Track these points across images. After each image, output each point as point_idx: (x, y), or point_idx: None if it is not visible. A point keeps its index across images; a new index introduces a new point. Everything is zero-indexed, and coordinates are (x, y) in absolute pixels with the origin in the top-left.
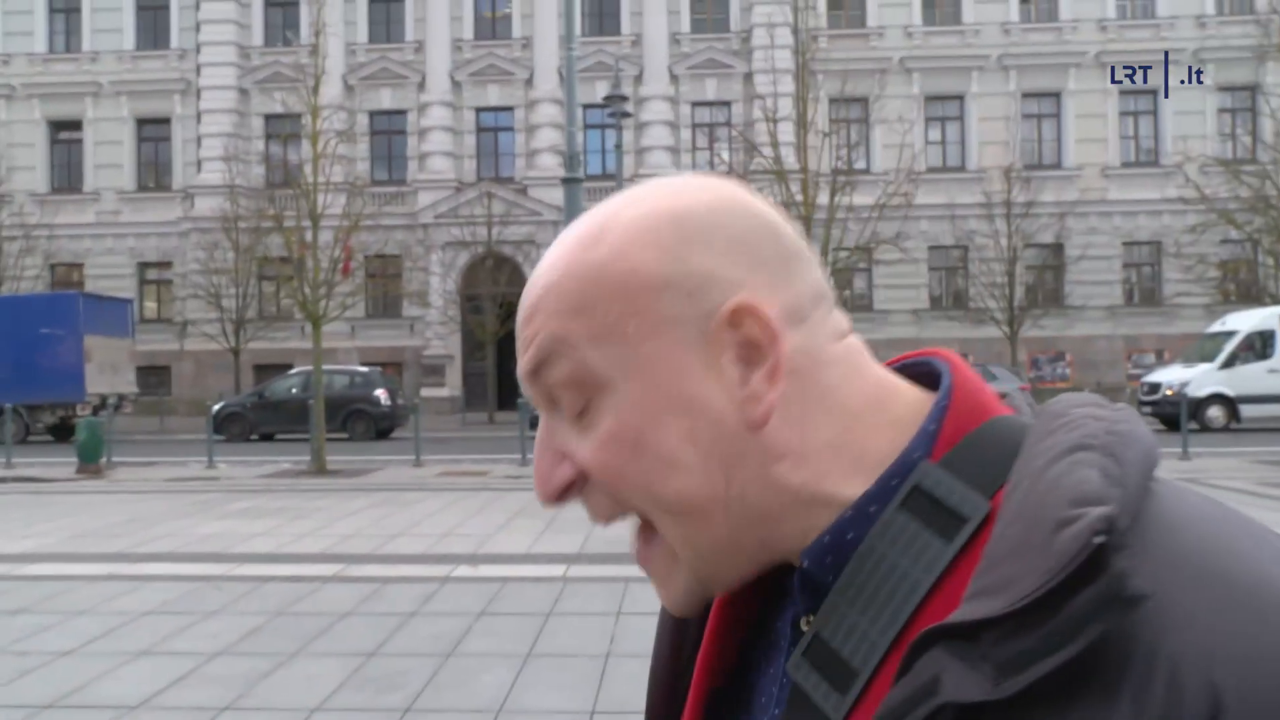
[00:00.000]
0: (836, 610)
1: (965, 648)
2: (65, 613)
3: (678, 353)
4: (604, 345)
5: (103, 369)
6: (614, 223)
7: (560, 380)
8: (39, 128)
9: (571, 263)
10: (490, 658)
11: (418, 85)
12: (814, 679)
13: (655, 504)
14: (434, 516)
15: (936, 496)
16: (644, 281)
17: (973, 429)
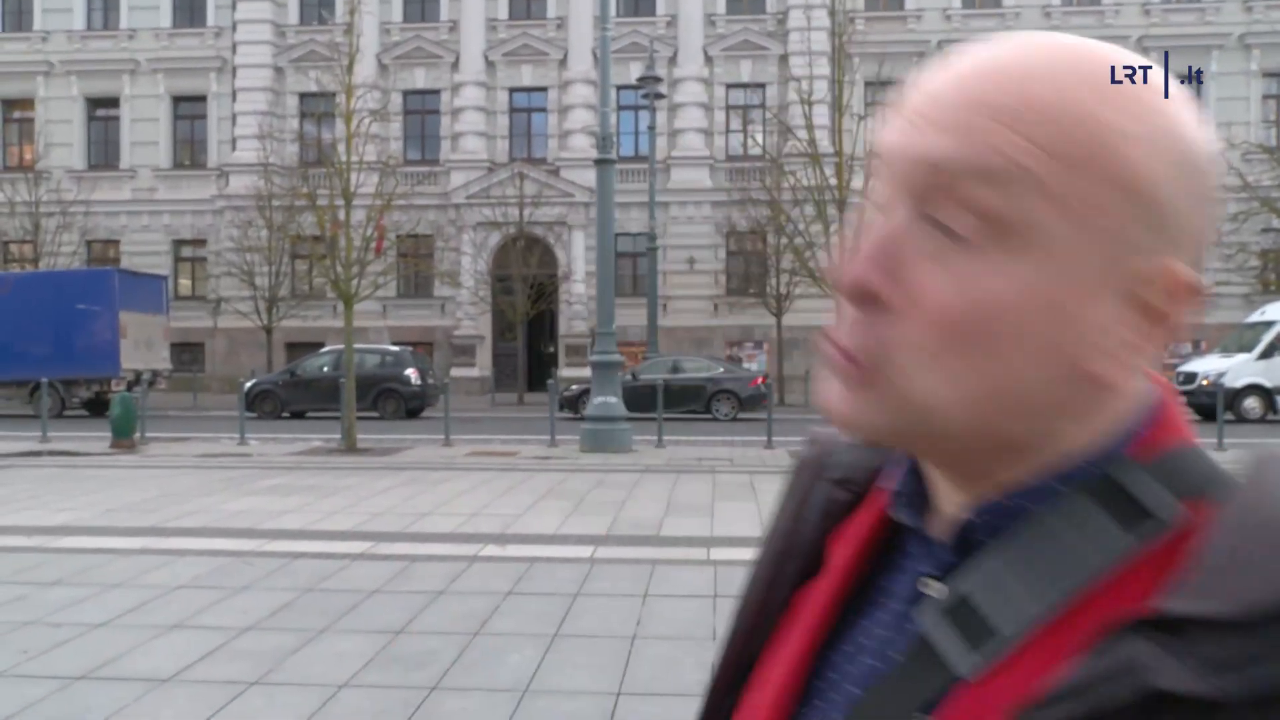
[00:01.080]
0: (987, 571)
1: (1168, 639)
2: (99, 585)
3: (1099, 268)
4: (1054, 206)
5: (137, 345)
6: (1149, 84)
7: (973, 200)
8: (77, 104)
9: (1090, 102)
10: (517, 637)
11: (451, 65)
12: (950, 634)
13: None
14: (463, 496)
15: (1129, 491)
16: (1145, 184)
17: (1173, 445)
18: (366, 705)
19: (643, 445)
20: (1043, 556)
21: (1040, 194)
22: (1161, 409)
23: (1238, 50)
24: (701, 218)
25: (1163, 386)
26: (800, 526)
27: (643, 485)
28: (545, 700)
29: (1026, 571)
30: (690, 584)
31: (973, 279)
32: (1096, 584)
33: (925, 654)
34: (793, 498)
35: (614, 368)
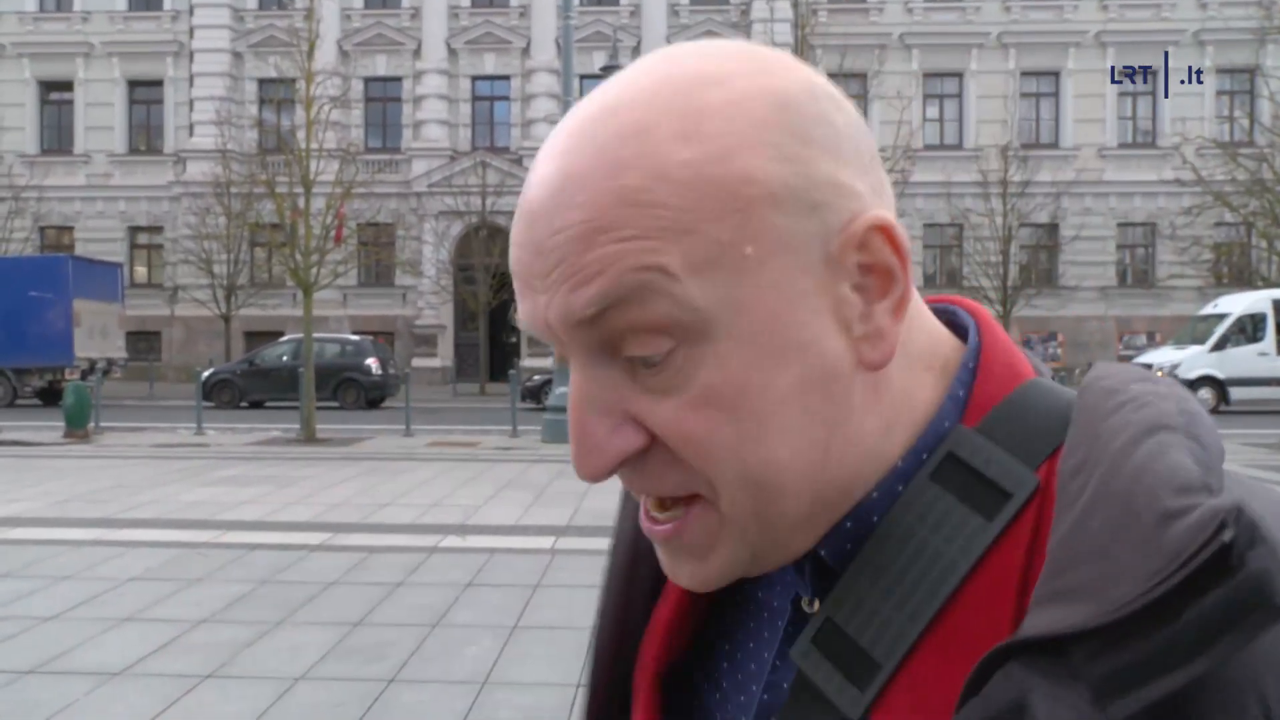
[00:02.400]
0: (853, 593)
1: (1050, 664)
2: (49, 578)
3: (797, 283)
4: (711, 275)
5: (92, 333)
6: (705, 106)
7: (646, 323)
8: (29, 88)
9: (656, 163)
10: (477, 629)
11: (413, 52)
12: (825, 670)
13: (740, 474)
14: (423, 487)
15: (973, 467)
16: (762, 192)
17: (1006, 394)
18: (323, 698)
19: None
20: (902, 565)
21: (690, 274)
22: (984, 353)
23: (1192, 47)
24: None
25: (978, 317)
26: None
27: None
28: (504, 692)
29: (891, 587)
30: None
31: (697, 384)
32: (968, 585)
33: (810, 693)
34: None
35: None
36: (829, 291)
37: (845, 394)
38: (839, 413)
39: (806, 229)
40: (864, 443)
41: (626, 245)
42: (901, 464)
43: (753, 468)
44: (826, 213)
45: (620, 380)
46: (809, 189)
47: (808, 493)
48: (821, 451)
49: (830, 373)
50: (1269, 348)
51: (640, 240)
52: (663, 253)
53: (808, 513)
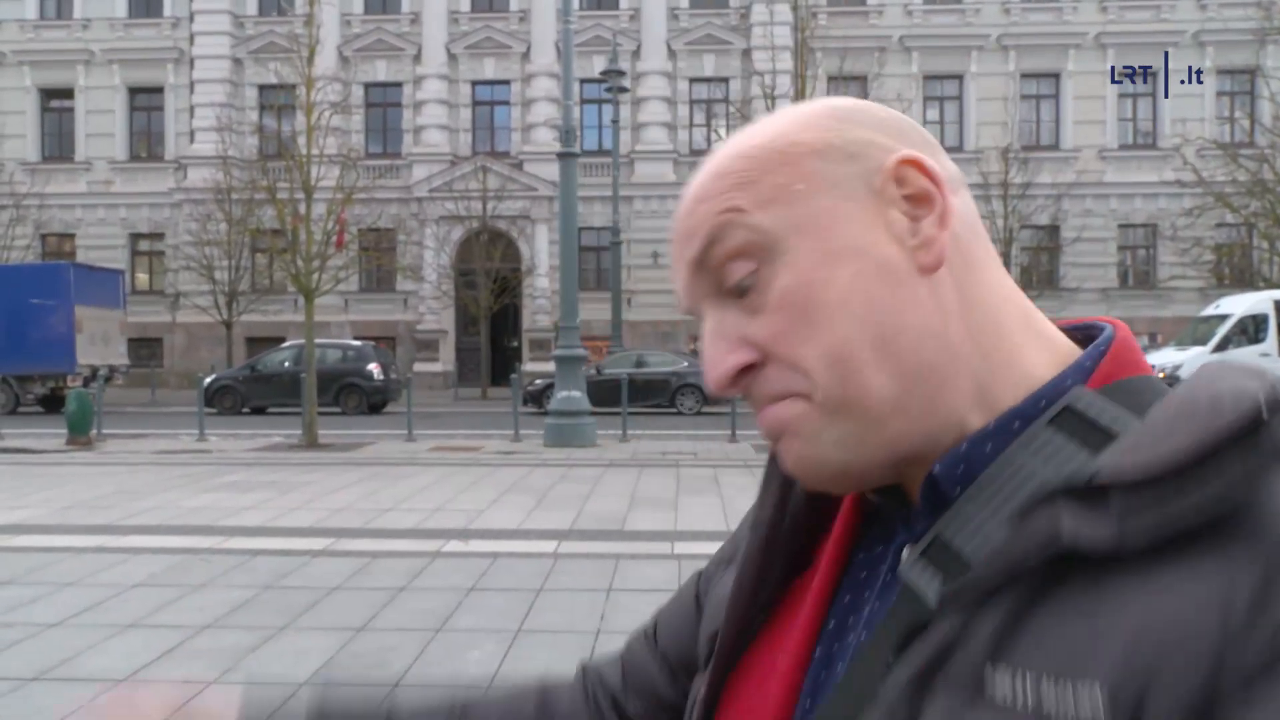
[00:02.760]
0: (962, 512)
1: (1089, 504)
2: (52, 584)
3: (846, 207)
4: (773, 208)
5: (93, 340)
6: (772, 119)
7: (731, 250)
8: (30, 95)
9: (733, 150)
10: (480, 633)
11: (413, 57)
12: (926, 575)
13: (821, 354)
14: (425, 491)
15: (1089, 417)
16: (807, 148)
17: (1129, 375)
18: None
19: (607, 439)
20: (1010, 487)
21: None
22: (1118, 345)
23: (1192, 48)
24: (665, 212)
25: (1118, 324)
26: (775, 518)
27: (606, 480)
28: None
29: (995, 502)
30: (654, 578)
31: (773, 295)
32: None
33: (905, 601)
34: (772, 488)
35: (578, 362)
36: (879, 215)
37: (911, 291)
38: (903, 304)
39: (849, 171)
40: (954, 352)
41: (711, 203)
42: (1019, 406)
43: (829, 346)
44: (865, 160)
45: (733, 315)
46: (846, 145)
47: (886, 370)
48: (890, 331)
49: (887, 269)
50: (1270, 348)
51: (719, 196)
52: (735, 199)
53: (896, 397)
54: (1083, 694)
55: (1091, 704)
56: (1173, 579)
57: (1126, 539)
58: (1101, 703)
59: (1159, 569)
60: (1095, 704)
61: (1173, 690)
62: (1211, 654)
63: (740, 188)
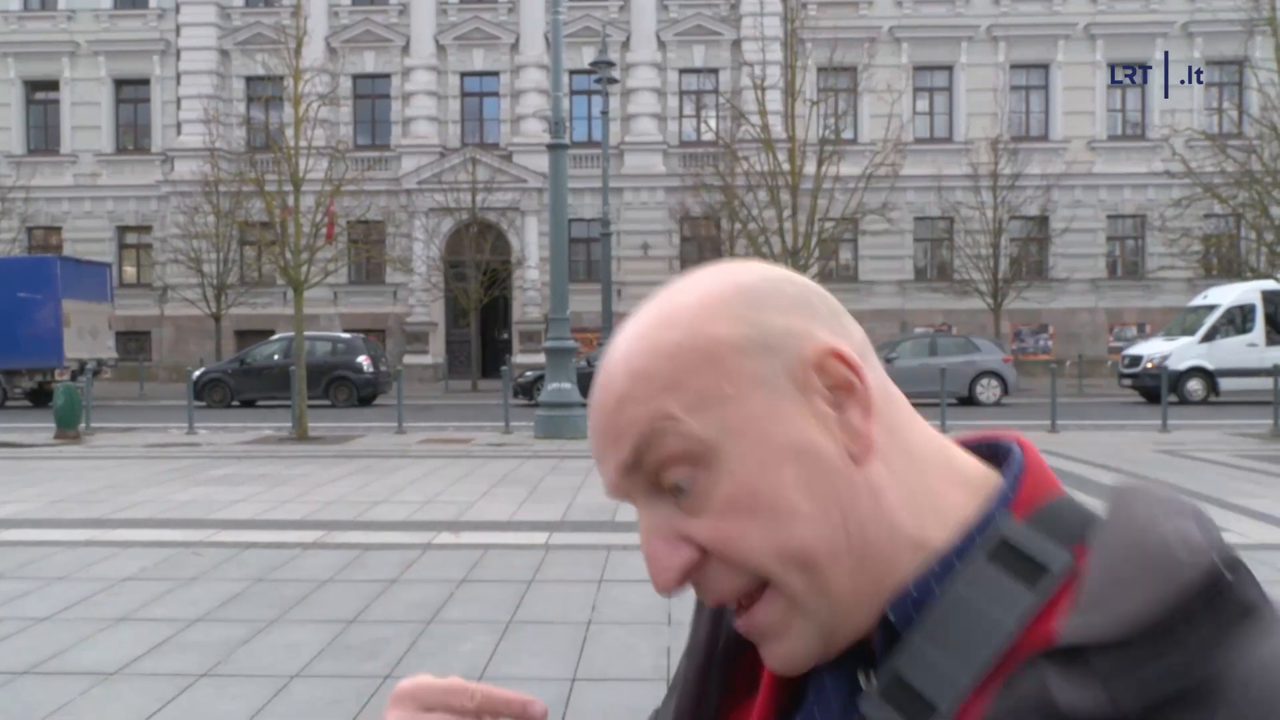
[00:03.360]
0: (916, 651)
1: (1071, 668)
2: (42, 579)
3: (775, 405)
4: (704, 412)
5: (81, 334)
6: (680, 305)
7: (667, 457)
8: (14, 87)
9: (650, 347)
10: (471, 625)
11: (402, 49)
12: (889, 716)
13: (782, 559)
14: (416, 484)
15: (1023, 550)
16: (730, 345)
17: (1049, 498)
18: (319, 695)
19: None
20: (959, 625)
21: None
22: (1030, 467)
23: (1181, 39)
24: (655, 203)
25: (1025, 447)
26: (720, 637)
27: (597, 472)
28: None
29: (949, 642)
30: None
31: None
32: (1015, 641)
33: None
34: (704, 613)
35: (568, 354)
36: (807, 408)
37: (849, 483)
38: (847, 497)
39: (771, 366)
40: (894, 526)
41: (640, 407)
42: (956, 544)
43: (786, 549)
44: (784, 352)
45: (669, 511)
46: (765, 337)
47: (845, 564)
48: (841, 530)
49: (826, 466)
50: (1258, 339)
51: (648, 401)
52: (666, 406)
53: (853, 585)
54: None
55: None
56: None
57: (1121, 705)
58: None
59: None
60: None
61: None
62: None
63: (668, 392)
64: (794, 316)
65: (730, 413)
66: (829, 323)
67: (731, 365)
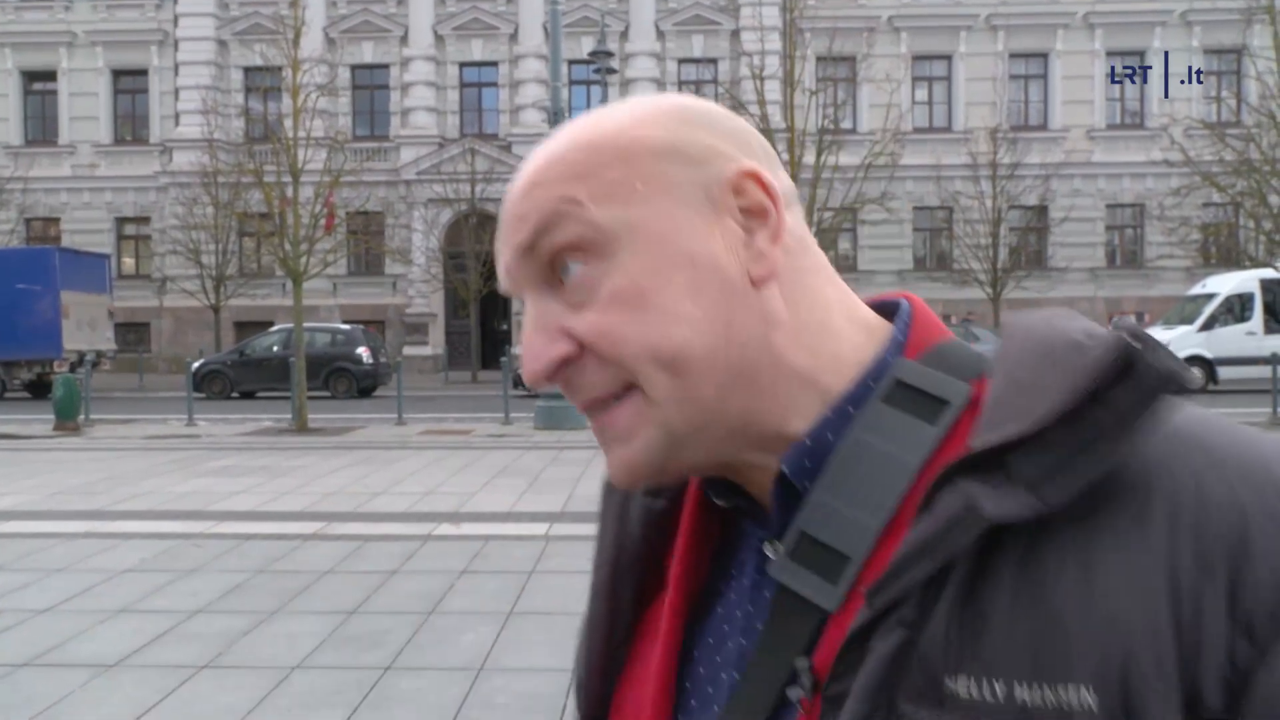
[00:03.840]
0: (819, 504)
1: (990, 473)
2: (42, 570)
3: (683, 213)
4: (610, 204)
5: (80, 325)
6: (614, 110)
7: (562, 243)
8: (12, 78)
9: (571, 139)
10: (472, 616)
11: (400, 39)
12: (802, 575)
13: (654, 358)
14: (416, 475)
15: (919, 388)
16: (650, 148)
17: (939, 340)
18: (320, 686)
19: None
20: (862, 472)
21: (593, 202)
22: (919, 315)
23: (1180, 28)
24: None
25: (913, 300)
26: (625, 544)
27: (597, 462)
28: (501, 678)
29: (853, 491)
30: None
31: (602, 292)
32: (920, 479)
33: (788, 603)
34: (610, 518)
35: None
36: (716, 224)
37: (742, 302)
38: (738, 314)
39: (689, 176)
40: (779, 356)
41: (546, 189)
42: (850, 390)
43: (658, 347)
44: (705, 167)
45: (556, 306)
46: (687, 148)
47: (716, 377)
48: (722, 341)
49: (721, 279)
50: (1256, 327)
51: (555, 183)
52: (572, 190)
53: (719, 400)
54: (1070, 695)
55: (1081, 703)
56: (1109, 550)
57: (1047, 501)
58: (1093, 702)
59: (1092, 540)
60: (1085, 703)
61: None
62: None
63: (578, 179)
64: (725, 141)
65: (636, 210)
66: (760, 159)
67: (648, 166)
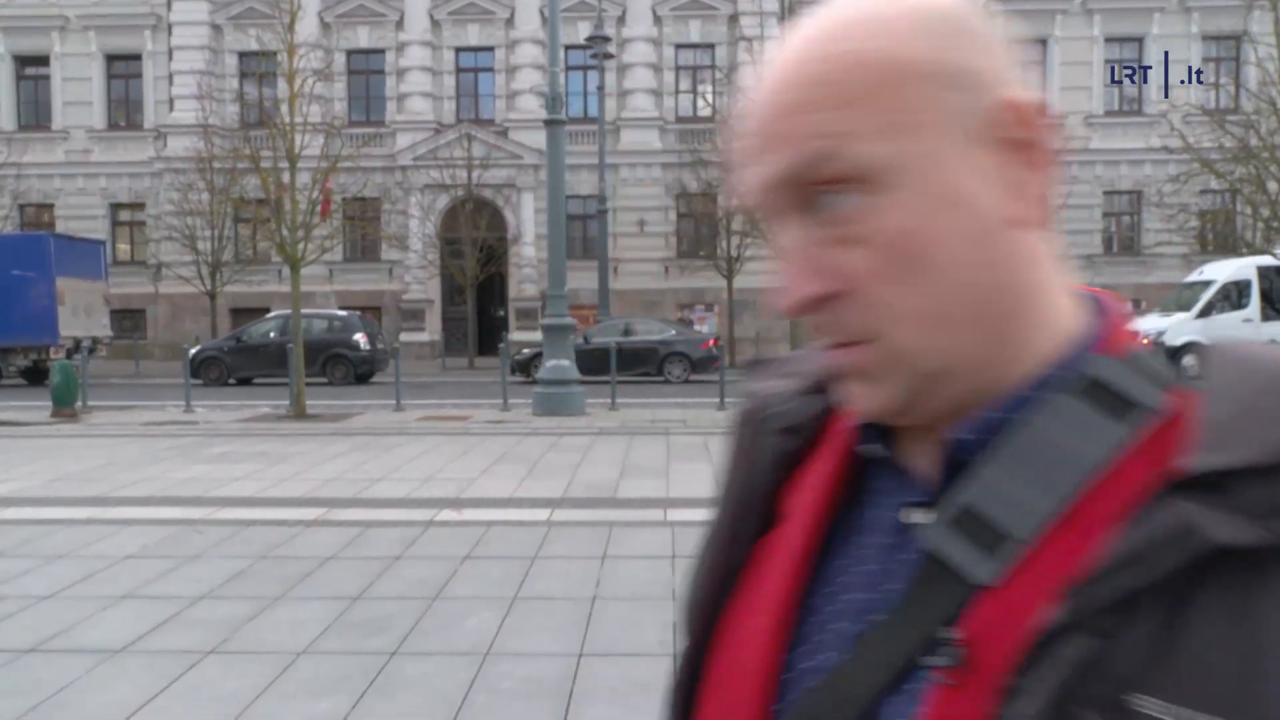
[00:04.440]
0: (987, 480)
1: (1209, 498)
2: (43, 557)
3: (956, 148)
4: (882, 138)
5: (76, 311)
6: (875, 15)
7: (830, 176)
8: (4, 63)
9: (840, 54)
10: (476, 601)
11: (396, 24)
12: (960, 546)
13: (919, 315)
14: (415, 461)
15: (1110, 385)
16: (924, 72)
17: (1130, 343)
18: (325, 671)
19: (596, 408)
20: (1041, 457)
21: (867, 137)
22: (1115, 315)
23: (1179, 14)
24: (651, 180)
25: (1106, 295)
26: (753, 481)
27: (597, 448)
28: (507, 663)
29: (1027, 473)
30: (648, 545)
31: (875, 233)
32: (1099, 475)
33: (935, 571)
34: (741, 453)
35: (566, 331)
36: (982, 159)
37: (1004, 248)
38: (996, 261)
39: (957, 104)
40: (1020, 307)
41: (811, 117)
42: (1045, 374)
43: (924, 297)
44: (973, 94)
45: (820, 235)
46: (956, 73)
47: (970, 328)
48: (982, 290)
49: (986, 222)
50: (1253, 314)
51: (821, 113)
52: (843, 121)
53: (971, 351)
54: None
55: None
56: None
57: (1273, 532)
58: None
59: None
60: None
61: None
62: None
63: (849, 106)
64: (988, 58)
65: (907, 144)
66: (1015, 73)
67: (915, 94)
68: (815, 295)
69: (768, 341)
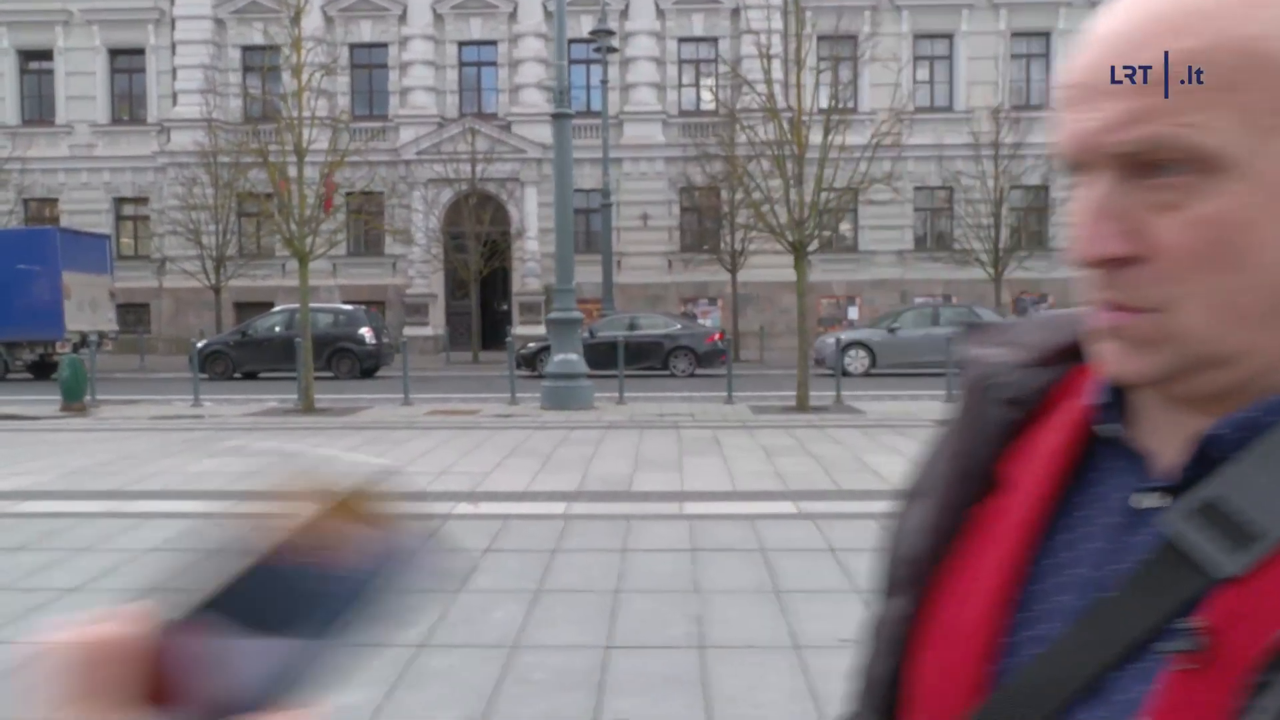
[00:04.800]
0: (1241, 475)
1: None
2: (67, 550)
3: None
4: (1243, 132)
5: (82, 306)
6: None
7: (1175, 153)
8: (8, 57)
9: (1215, 33)
10: (499, 594)
11: (399, 18)
12: (1196, 536)
13: (1217, 294)
14: (427, 455)
15: None
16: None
17: None
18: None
19: (603, 402)
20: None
21: (1227, 128)
22: None
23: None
24: (655, 173)
25: None
26: (975, 448)
27: (608, 442)
28: (535, 655)
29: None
30: (666, 538)
31: (1199, 214)
32: None
33: (1172, 558)
34: (965, 418)
35: (574, 325)
36: None
37: None
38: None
39: None
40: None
41: (1185, 101)
42: None
43: (1228, 290)
44: None
45: (1135, 196)
46: None
47: (1264, 330)
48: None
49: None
50: None
51: (1196, 96)
52: (1210, 111)
53: (1252, 350)
54: None
55: None
56: None
57: None
58: None
59: None
60: None
61: None
62: None
63: (1219, 92)
64: None
65: (1265, 144)
66: None
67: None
68: (1115, 255)
69: (772, 335)
